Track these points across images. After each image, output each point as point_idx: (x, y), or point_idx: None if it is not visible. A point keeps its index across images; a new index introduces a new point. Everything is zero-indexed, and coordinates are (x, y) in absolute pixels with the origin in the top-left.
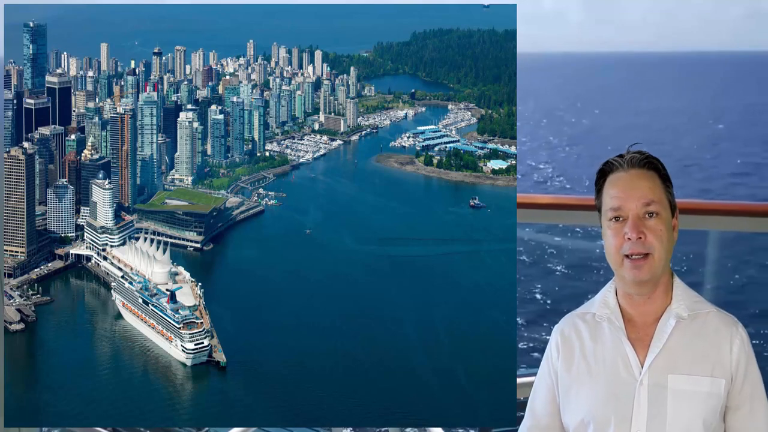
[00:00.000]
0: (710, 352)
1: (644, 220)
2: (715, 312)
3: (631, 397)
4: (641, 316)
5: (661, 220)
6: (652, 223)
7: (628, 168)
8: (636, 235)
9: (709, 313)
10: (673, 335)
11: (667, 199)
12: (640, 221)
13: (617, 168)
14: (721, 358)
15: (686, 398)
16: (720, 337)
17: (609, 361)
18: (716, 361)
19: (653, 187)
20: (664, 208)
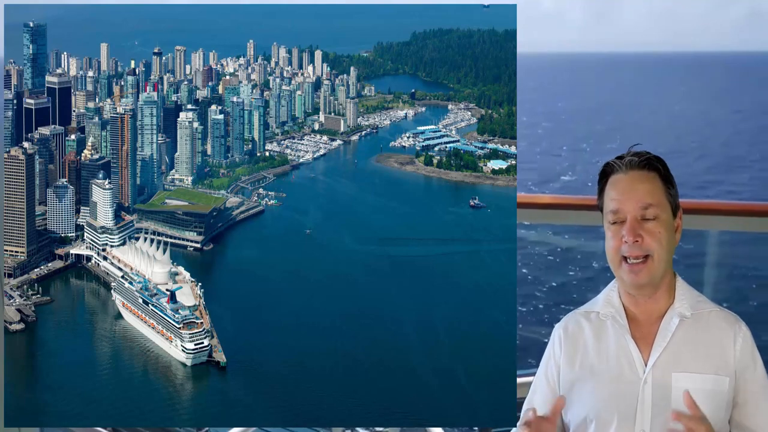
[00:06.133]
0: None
1: (642, 222)
2: (718, 310)
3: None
4: (645, 315)
5: (660, 223)
6: (651, 225)
7: (627, 170)
8: (633, 238)
9: (711, 312)
10: (677, 334)
11: (667, 200)
12: (637, 224)
13: (617, 170)
14: (725, 356)
15: None
16: (723, 335)
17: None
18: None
19: (652, 190)
20: (664, 210)
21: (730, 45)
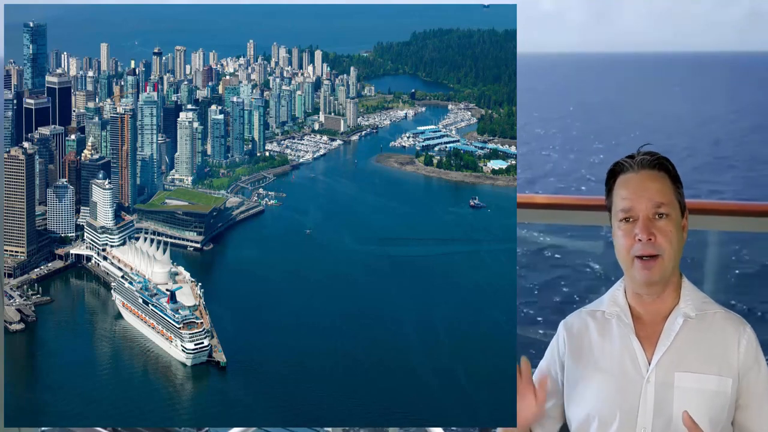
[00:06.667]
0: (717, 352)
1: (654, 221)
2: (723, 312)
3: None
4: (650, 315)
5: (670, 221)
6: (662, 224)
7: (638, 169)
8: (646, 236)
9: (716, 314)
10: (681, 334)
11: (676, 200)
12: (650, 222)
13: (627, 169)
14: (729, 358)
15: (693, 396)
16: (727, 337)
17: (617, 357)
18: (723, 361)
19: (663, 189)
20: (674, 209)
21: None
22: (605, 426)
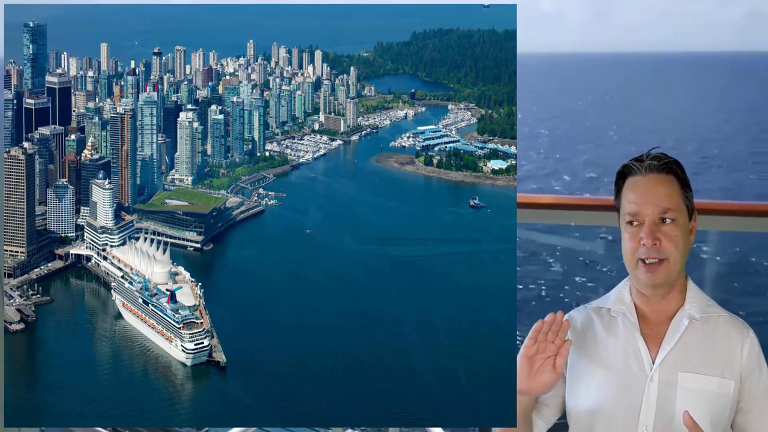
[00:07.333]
0: (721, 354)
1: (660, 225)
2: (727, 316)
3: (641, 391)
4: (655, 314)
5: (677, 226)
6: (668, 228)
7: (646, 173)
8: (651, 241)
9: (720, 317)
10: (685, 335)
11: (684, 203)
12: (656, 227)
13: (636, 172)
14: (732, 360)
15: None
16: (731, 340)
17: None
18: (726, 363)
19: (670, 194)
20: (681, 213)
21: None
22: (607, 421)
